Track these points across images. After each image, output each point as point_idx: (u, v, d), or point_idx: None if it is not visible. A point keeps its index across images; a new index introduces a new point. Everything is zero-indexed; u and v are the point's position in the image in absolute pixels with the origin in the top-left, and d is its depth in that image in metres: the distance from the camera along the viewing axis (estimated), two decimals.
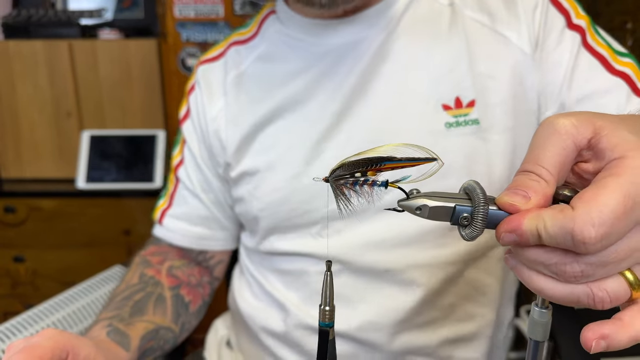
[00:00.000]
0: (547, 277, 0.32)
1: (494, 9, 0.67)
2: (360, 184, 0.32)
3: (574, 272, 0.30)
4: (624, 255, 0.30)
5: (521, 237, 0.31)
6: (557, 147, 0.32)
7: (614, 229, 0.29)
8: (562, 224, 0.29)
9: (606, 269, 0.30)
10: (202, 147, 0.77)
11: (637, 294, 0.31)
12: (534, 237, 0.30)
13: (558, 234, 0.29)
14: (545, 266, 0.31)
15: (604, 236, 0.28)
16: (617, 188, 0.29)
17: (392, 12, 0.68)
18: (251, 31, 0.77)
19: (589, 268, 0.30)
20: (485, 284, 0.70)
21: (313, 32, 0.69)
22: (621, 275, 0.31)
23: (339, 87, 0.67)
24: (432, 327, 0.69)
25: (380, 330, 0.68)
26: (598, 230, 0.28)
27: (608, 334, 0.31)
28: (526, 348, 0.36)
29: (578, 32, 0.65)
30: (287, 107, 0.70)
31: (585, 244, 0.29)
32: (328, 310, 0.35)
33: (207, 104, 0.76)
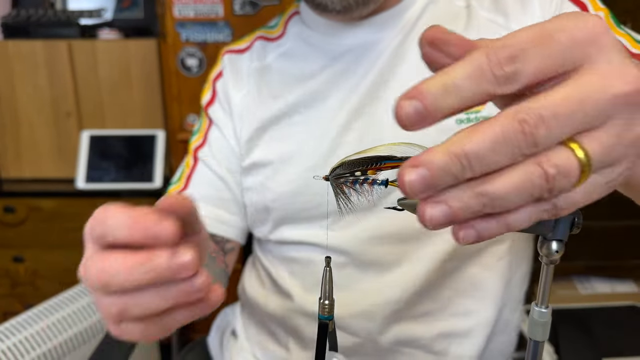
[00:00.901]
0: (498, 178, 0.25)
1: (510, 7, 0.68)
2: (360, 182, 0.32)
3: (523, 118, 0.24)
4: (572, 106, 0.25)
5: (424, 98, 0.24)
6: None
7: (532, 48, 0.25)
8: (472, 53, 0.25)
9: (559, 120, 0.24)
10: (230, 128, 0.78)
11: (582, 179, 0.26)
12: (442, 88, 0.24)
13: (470, 63, 0.25)
14: (496, 155, 0.24)
15: (519, 51, 0.25)
16: (533, 26, 0.26)
17: (409, 14, 0.70)
18: (278, 32, 0.80)
19: (538, 111, 0.24)
20: (483, 280, 0.70)
21: (332, 33, 0.72)
22: (569, 149, 0.25)
23: (356, 86, 0.69)
24: (427, 319, 0.70)
25: (374, 320, 0.69)
26: (511, 49, 0.25)
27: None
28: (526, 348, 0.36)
29: None
30: (304, 102, 0.72)
31: (514, 45, 0.25)
32: (327, 304, 0.35)
33: (232, 89, 0.78)
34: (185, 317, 0.35)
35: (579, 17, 0.26)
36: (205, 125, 0.80)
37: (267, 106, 0.74)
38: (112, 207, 0.33)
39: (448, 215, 0.25)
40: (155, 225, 0.31)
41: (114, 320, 0.34)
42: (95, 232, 0.34)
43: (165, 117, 1.75)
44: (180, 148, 1.65)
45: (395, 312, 0.69)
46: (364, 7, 0.65)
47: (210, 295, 0.34)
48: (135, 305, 0.33)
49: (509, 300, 0.74)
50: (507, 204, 0.25)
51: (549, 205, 0.26)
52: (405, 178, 0.25)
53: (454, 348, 0.71)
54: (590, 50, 0.26)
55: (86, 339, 0.96)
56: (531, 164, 0.25)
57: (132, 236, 0.32)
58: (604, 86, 0.25)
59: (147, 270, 0.31)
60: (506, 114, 0.24)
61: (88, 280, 0.34)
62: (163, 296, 0.33)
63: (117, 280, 0.32)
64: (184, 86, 1.62)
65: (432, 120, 0.25)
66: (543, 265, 0.34)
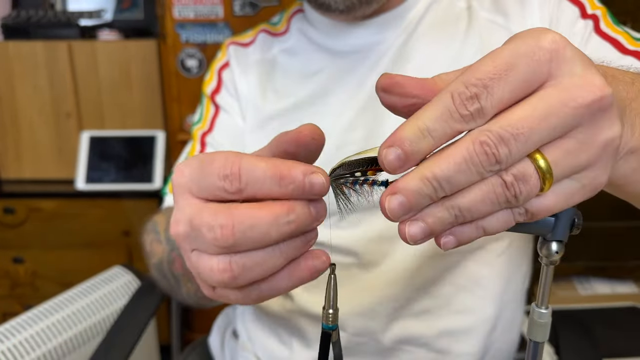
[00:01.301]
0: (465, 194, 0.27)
1: (510, 7, 0.68)
2: (360, 183, 0.32)
3: (485, 139, 0.26)
4: (531, 123, 0.26)
5: (402, 144, 0.27)
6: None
7: (492, 83, 0.26)
8: (438, 96, 0.27)
9: (518, 140, 0.26)
10: (239, 114, 0.78)
11: (547, 185, 0.27)
12: (418, 137, 0.27)
13: (438, 106, 0.26)
14: (467, 169, 0.26)
15: (481, 89, 0.26)
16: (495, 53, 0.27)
17: (412, 14, 0.70)
18: (282, 28, 0.80)
19: (498, 132, 0.26)
20: (483, 277, 0.70)
21: (335, 33, 0.73)
22: (531, 160, 0.27)
23: (360, 85, 0.70)
24: (428, 316, 0.70)
25: (375, 318, 0.69)
26: (472, 88, 0.26)
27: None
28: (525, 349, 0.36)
29: (592, 19, 0.65)
30: (308, 100, 0.72)
31: (475, 84, 0.26)
32: (332, 313, 0.35)
33: (238, 80, 0.78)
34: (287, 284, 0.33)
35: (534, 38, 0.27)
36: (210, 113, 0.80)
37: (270, 102, 0.74)
38: (244, 156, 0.30)
39: (425, 231, 0.28)
40: (305, 177, 0.29)
41: (222, 282, 0.31)
42: (212, 182, 0.30)
43: (165, 118, 1.75)
44: (180, 149, 1.65)
45: (396, 309, 0.69)
46: (367, 6, 0.66)
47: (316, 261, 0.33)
48: (256, 264, 0.30)
49: (509, 299, 0.74)
50: (477, 214, 0.28)
51: (522, 210, 0.28)
52: (385, 205, 0.28)
53: (456, 346, 0.71)
54: (551, 66, 0.26)
55: (86, 339, 0.96)
56: (495, 175, 0.27)
57: (284, 190, 0.29)
58: (567, 99, 0.26)
59: (291, 221, 0.29)
60: (470, 137, 0.26)
61: (200, 237, 0.30)
62: (284, 252, 0.30)
63: (252, 235, 0.29)
64: (183, 87, 1.62)
65: (413, 162, 0.27)
66: (543, 266, 0.34)
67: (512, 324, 0.76)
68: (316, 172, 0.30)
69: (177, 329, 1.13)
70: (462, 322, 0.70)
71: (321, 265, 0.33)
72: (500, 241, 0.70)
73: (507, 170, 0.27)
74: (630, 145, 0.32)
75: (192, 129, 0.82)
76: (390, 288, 0.68)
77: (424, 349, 0.70)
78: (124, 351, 0.81)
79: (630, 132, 0.31)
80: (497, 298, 0.71)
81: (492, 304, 0.71)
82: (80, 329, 0.94)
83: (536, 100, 0.26)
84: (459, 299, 0.70)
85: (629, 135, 0.31)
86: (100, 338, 0.85)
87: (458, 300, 0.70)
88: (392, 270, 0.68)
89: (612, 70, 0.35)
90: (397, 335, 0.70)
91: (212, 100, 0.81)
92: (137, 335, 0.86)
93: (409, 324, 0.70)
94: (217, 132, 0.79)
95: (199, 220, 0.30)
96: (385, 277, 0.69)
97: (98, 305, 0.98)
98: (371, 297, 0.69)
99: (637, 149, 0.32)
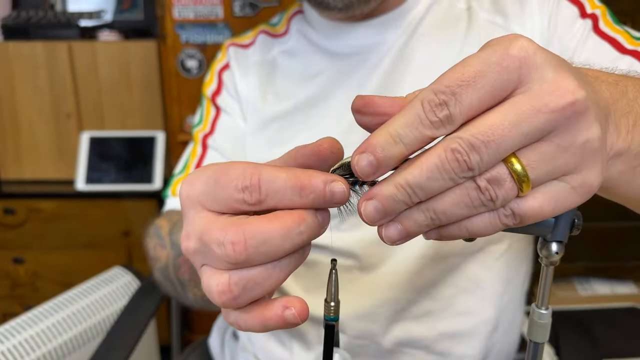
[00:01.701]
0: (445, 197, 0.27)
1: (509, 7, 0.68)
2: (360, 184, 0.32)
3: (457, 147, 0.26)
4: (502, 131, 0.26)
5: (374, 151, 0.27)
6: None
7: (461, 90, 0.26)
8: (409, 104, 0.27)
9: (489, 147, 0.26)
10: (240, 115, 0.78)
11: (525, 188, 0.27)
12: (389, 143, 0.27)
13: (409, 113, 0.27)
14: (440, 174, 0.27)
15: (449, 96, 0.26)
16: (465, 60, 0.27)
17: (412, 15, 0.70)
18: (282, 29, 0.80)
19: (469, 139, 0.26)
20: (483, 279, 0.70)
21: (336, 33, 0.72)
22: (505, 164, 0.27)
23: (361, 86, 0.70)
24: (429, 319, 0.70)
25: (376, 321, 0.69)
26: (441, 95, 0.26)
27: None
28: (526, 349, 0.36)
29: (591, 19, 0.65)
30: (309, 102, 0.72)
31: (444, 91, 0.26)
32: (333, 306, 0.35)
33: (239, 81, 0.78)
34: (258, 326, 0.32)
35: (504, 46, 0.27)
36: (211, 115, 0.80)
37: (270, 104, 0.74)
38: (263, 167, 0.29)
39: (402, 232, 0.29)
40: (326, 185, 0.29)
41: (225, 303, 0.30)
42: (229, 194, 0.29)
43: (165, 119, 1.76)
44: (180, 149, 1.65)
45: (396, 312, 0.69)
46: (365, 4, 0.66)
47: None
48: (256, 284, 0.29)
49: (510, 301, 0.74)
50: (453, 217, 0.28)
51: (507, 211, 0.28)
52: (361, 210, 0.28)
53: (456, 348, 0.71)
54: (521, 73, 0.26)
55: (86, 340, 0.96)
56: (469, 180, 0.27)
57: (304, 201, 0.29)
58: (538, 105, 0.26)
59: (302, 231, 0.29)
60: (442, 145, 0.27)
61: (211, 253, 0.29)
62: (283, 268, 0.30)
63: (265, 249, 0.28)
64: (183, 88, 1.62)
65: (385, 168, 0.28)
66: (543, 267, 0.34)
67: (513, 326, 0.76)
68: (336, 181, 0.29)
69: (177, 330, 1.13)
70: (462, 324, 0.70)
71: (292, 319, 0.30)
72: (500, 243, 0.70)
73: (480, 175, 0.27)
74: (616, 148, 0.31)
75: (193, 130, 0.82)
76: (390, 290, 0.68)
77: (424, 352, 0.70)
78: (124, 352, 0.81)
79: (615, 134, 0.31)
80: (498, 300, 0.71)
81: (492, 305, 0.71)
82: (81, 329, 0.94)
83: (507, 107, 0.26)
84: (460, 301, 0.70)
85: (614, 138, 0.31)
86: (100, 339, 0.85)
87: (458, 302, 0.70)
88: (393, 272, 0.68)
89: (595, 71, 0.35)
90: (398, 337, 0.69)
91: (212, 102, 0.81)
92: (137, 336, 0.86)
93: (409, 327, 0.69)
94: (219, 134, 0.78)
95: (208, 237, 0.29)
96: (385, 280, 0.68)
97: (98, 305, 0.98)
98: (372, 299, 0.69)
99: (624, 151, 0.32)
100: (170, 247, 0.67)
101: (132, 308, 0.93)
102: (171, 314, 1.12)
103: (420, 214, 0.28)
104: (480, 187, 0.27)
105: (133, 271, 1.08)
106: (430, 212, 0.28)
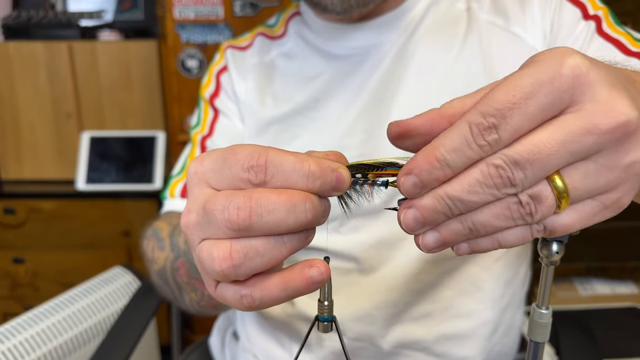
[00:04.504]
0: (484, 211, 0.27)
1: (510, 9, 0.68)
2: (360, 183, 0.32)
3: (499, 162, 0.26)
4: (549, 150, 0.26)
5: (420, 174, 0.27)
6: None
7: (511, 113, 0.26)
8: (455, 125, 0.27)
9: (534, 165, 0.26)
10: (238, 117, 0.78)
11: (563, 205, 0.27)
12: (436, 167, 0.27)
13: (456, 137, 0.26)
14: (482, 190, 0.27)
15: (499, 120, 0.25)
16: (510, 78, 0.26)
17: (411, 16, 0.70)
18: (279, 31, 0.80)
19: (513, 157, 0.26)
20: (482, 281, 0.70)
21: (334, 35, 0.72)
22: (548, 180, 0.27)
23: (360, 89, 0.69)
24: (428, 321, 0.69)
25: (375, 323, 0.69)
26: (490, 118, 0.25)
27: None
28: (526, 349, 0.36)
29: (594, 20, 0.64)
30: (308, 105, 0.72)
31: (494, 114, 0.26)
32: (327, 305, 0.35)
33: (237, 84, 0.78)
34: (280, 293, 0.31)
35: (556, 63, 0.26)
36: (209, 117, 0.80)
37: (269, 107, 0.74)
38: (271, 149, 0.29)
39: (439, 241, 0.29)
40: (334, 172, 0.29)
41: (225, 271, 0.30)
42: (235, 173, 0.29)
43: (165, 119, 1.76)
44: (180, 149, 1.65)
45: (395, 314, 0.69)
46: (364, 7, 0.65)
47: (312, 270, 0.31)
48: (257, 254, 0.29)
49: (509, 302, 0.74)
50: (491, 229, 0.28)
51: (540, 227, 0.28)
52: (401, 218, 0.29)
53: (455, 350, 0.70)
54: (573, 93, 0.26)
55: (86, 340, 0.96)
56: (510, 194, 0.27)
57: (310, 185, 0.29)
58: (588, 126, 0.25)
59: (307, 209, 0.29)
60: (484, 160, 0.26)
61: (212, 221, 0.29)
62: (287, 243, 0.30)
63: (270, 219, 0.28)
64: (184, 87, 1.62)
65: (430, 188, 0.28)
66: (543, 267, 0.34)
67: (512, 327, 0.75)
68: (340, 168, 0.30)
69: (177, 330, 1.13)
70: (461, 326, 0.70)
71: (318, 276, 0.31)
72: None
73: (523, 190, 0.27)
74: None
75: (191, 132, 0.81)
76: (389, 293, 0.68)
77: (423, 353, 0.70)
78: (124, 352, 0.81)
79: None
80: (497, 301, 0.71)
81: (491, 307, 0.71)
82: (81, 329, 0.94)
83: (555, 125, 0.26)
84: (459, 302, 0.70)
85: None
86: (100, 338, 0.85)
87: (457, 304, 0.70)
88: (392, 275, 0.68)
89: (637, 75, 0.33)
90: (397, 339, 0.69)
91: (211, 104, 0.81)
92: (137, 336, 0.86)
93: (408, 329, 0.69)
94: (217, 136, 0.78)
95: (213, 204, 0.29)
96: (385, 282, 0.68)
97: (98, 305, 0.98)
98: (371, 302, 0.69)
99: None
100: (169, 249, 0.67)
101: (132, 308, 0.93)
102: (171, 314, 1.12)
103: (459, 224, 0.28)
104: (522, 202, 0.27)
105: (133, 271, 1.08)
106: (469, 222, 0.28)
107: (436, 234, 0.29)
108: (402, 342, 0.69)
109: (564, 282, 1.79)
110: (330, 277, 0.34)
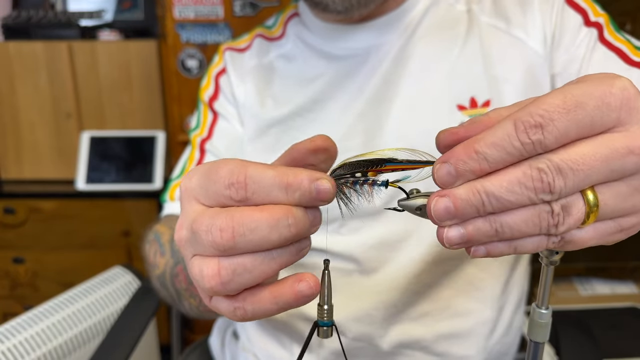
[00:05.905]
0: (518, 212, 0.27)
1: (510, 12, 0.68)
2: (360, 183, 0.32)
3: (544, 167, 0.26)
4: (592, 162, 0.26)
5: (456, 163, 0.27)
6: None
7: (559, 117, 0.26)
8: (501, 122, 0.27)
9: (576, 175, 0.26)
10: (238, 120, 0.78)
11: (590, 221, 0.28)
12: (473, 158, 0.27)
13: (499, 132, 0.26)
14: (520, 188, 0.27)
15: (547, 121, 0.26)
16: (556, 92, 0.27)
17: (411, 17, 0.70)
18: (278, 32, 0.80)
19: (557, 163, 0.26)
20: (481, 281, 0.70)
21: (334, 36, 0.72)
22: (581, 194, 0.27)
23: (360, 90, 0.69)
24: (427, 320, 0.69)
25: (374, 323, 0.69)
26: (538, 118, 0.26)
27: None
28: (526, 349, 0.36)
29: (595, 27, 0.65)
30: (307, 106, 0.71)
31: (542, 114, 0.26)
32: (327, 309, 0.35)
33: (236, 87, 0.78)
34: (272, 306, 0.32)
35: (606, 83, 0.27)
36: (208, 119, 0.80)
37: (268, 109, 0.74)
38: (251, 164, 0.30)
39: (463, 237, 0.28)
40: (312, 183, 0.29)
41: (215, 288, 0.30)
42: (217, 190, 0.30)
43: (165, 118, 1.76)
44: (180, 149, 1.66)
45: (394, 314, 0.69)
46: (365, 7, 0.65)
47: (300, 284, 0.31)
48: (245, 270, 0.30)
49: (508, 301, 0.74)
50: (517, 233, 0.28)
51: (557, 239, 0.28)
52: (431, 206, 0.28)
53: (455, 349, 0.71)
54: (621, 113, 0.27)
55: (86, 340, 0.96)
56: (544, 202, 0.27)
57: (290, 198, 0.29)
58: (632, 147, 0.26)
59: (291, 224, 0.29)
60: (528, 162, 0.27)
61: (199, 241, 0.30)
62: (276, 258, 0.30)
63: (253, 238, 0.29)
64: (184, 87, 1.62)
65: (463, 180, 0.28)
66: (543, 267, 0.34)
67: (512, 327, 0.75)
68: (322, 178, 0.30)
69: (177, 330, 1.13)
70: (461, 325, 0.70)
71: (307, 290, 0.31)
72: None
73: (557, 200, 0.27)
74: None
75: (190, 134, 0.81)
76: (389, 293, 0.68)
77: (423, 353, 0.70)
78: (124, 351, 0.81)
79: None
80: (496, 301, 0.71)
81: (490, 306, 0.71)
82: (81, 329, 0.94)
83: (600, 141, 0.27)
84: (458, 302, 0.70)
85: None
86: (100, 338, 0.86)
87: (457, 303, 0.70)
88: (392, 276, 0.68)
89: None
90: (396, 339, 0.69)
91: (210, 107, 0.80)
92: (137, 336, 0.86)
93: (408, 328, 0.69)
94: (216, 139, 0.78)
95: (199, 224, 0.30)
96: (385, 283, 0.68)
97: (98, 305, 0.98)
98: (370, 302, 0.69)
99: None
100: (170, 255, 0.67)
101: (132, 308, 0.93)
102: (171, 314, 1.12)
103: (487, 224, 0.28)
104: (554, 211, 0.27)
105: (133, 271, 1.08)
106: (497, 224, 0.28)
107: (462, 229, 0.28)
108: (401, 342, 0.70)
109: (564, 282, 1.79)
110: (330, 282, 0.34)
